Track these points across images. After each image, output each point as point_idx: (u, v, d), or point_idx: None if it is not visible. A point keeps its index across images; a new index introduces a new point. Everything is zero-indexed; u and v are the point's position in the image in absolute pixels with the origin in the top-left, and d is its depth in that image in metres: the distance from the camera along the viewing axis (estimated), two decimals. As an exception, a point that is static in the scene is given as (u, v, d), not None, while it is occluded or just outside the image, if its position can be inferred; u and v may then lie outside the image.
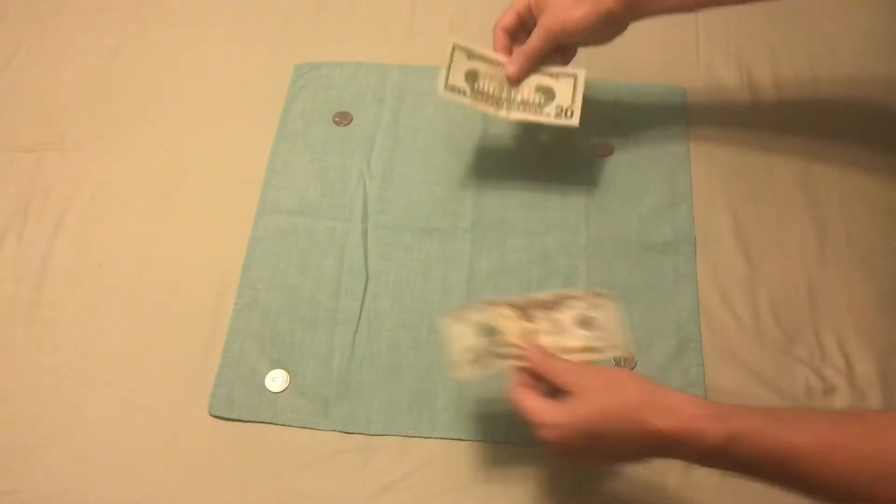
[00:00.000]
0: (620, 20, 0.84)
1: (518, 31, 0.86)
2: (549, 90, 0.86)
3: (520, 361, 0.68)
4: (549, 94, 0.86)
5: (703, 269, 0.88)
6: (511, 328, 0.69)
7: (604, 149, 0.96)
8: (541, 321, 0.70)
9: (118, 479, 0.76)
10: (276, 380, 0.82)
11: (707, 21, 1.07)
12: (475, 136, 0.97)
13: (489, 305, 0.71)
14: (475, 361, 0.68)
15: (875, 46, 1.03)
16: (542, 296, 0.71)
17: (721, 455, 0.60)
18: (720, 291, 0.86)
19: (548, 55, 0.86)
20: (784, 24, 1.05)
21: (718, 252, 0.89)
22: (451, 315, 0.71)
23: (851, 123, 0.97)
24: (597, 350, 0.69)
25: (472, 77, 0.85)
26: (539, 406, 0.65)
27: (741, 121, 0.97)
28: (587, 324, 0.70)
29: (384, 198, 0.93)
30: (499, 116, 0.87)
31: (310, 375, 0.82)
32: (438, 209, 0.92)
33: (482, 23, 1.08)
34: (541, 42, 0.84)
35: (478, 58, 0.86)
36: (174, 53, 1.05)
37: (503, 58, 0.86)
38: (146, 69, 1.04)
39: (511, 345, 0.68)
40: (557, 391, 0.66)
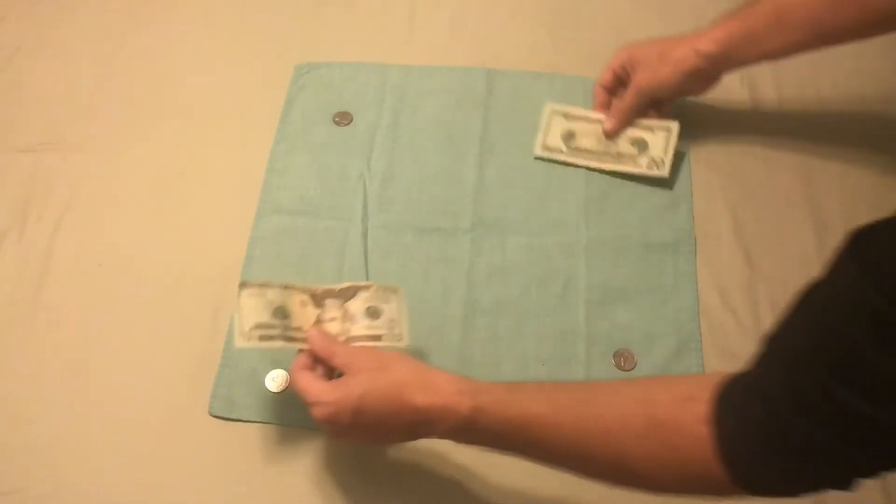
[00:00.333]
0: (709, 75, 0.89)
1: (616, 87, 0.94)
2: (643, 142, 0.92)
3: (303, 345, 0.72)
4: (643, 146, 0.92)
5: (703, 269, 0.88)
6: (302, 314, 0.74)
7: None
8: (332, 309, 0.74)
9: (118, 479, 0.76)
10: (276, 380, 0.82)
11: (707, 22, 1.07)
12: (475, 136, 0.97)
13: (286, 288, 0.75)
14: (261, 338, 0.72)
15: (876, 46, 1.03)
16: (336, 286, 0.76)
17: (471, 427, 0.64)
18: (720, 291, 0.87)
19: (642, 109, 0.93)
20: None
21: (718, 252, 0.89)
22: (248, 288, 0.74)
23: (851, 123, 0.97)
24: (379, 338, 0.74)
25: (569, 136, 0.94)
26: (313, 386, 0.68)
27: (741, 121, 0.97)
28: (374, 314, 0.75)
29: (384, 198, 0.93)
30: (591, 167, 0.93)
31: (310, 375, 0.82)
32: (438, 209, 0.92)
33: (482, 23, 1.08)
34: (634, 99, 0.91)
35: (575, 118, 0.95)
36: (174, 54, 1.05)
37: (600, 115, 0.94)
38: (146, 69, 1.04)
39: (299, 329, 0.73)
40: (337, 374, 0.70)
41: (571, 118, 0.96)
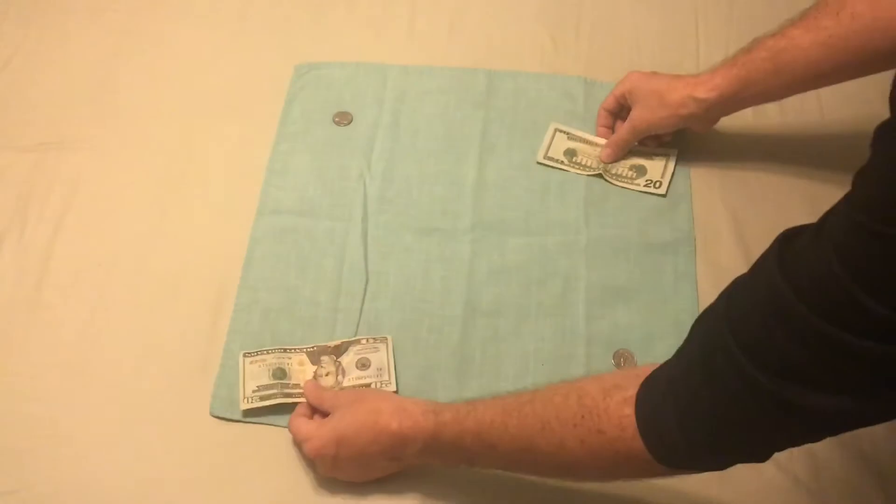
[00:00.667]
0: (706, 119, 0.91)
1: (619, 111, 0.97)
2: (642, 167, 0.95)
3: (302, 399, 0.79)
4: (641, 171, 0.95)
5: (703, 269, 0.88)
6: (300, 372, 0.81)
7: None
8: (327, 365, 0.81)
9: (118, 479, 0.76)
10: (276, 380, 0.82)
11: (707, 22, 1.07)
12: (475, 137, 0.98)
13: (285, 352, 0.82)
14: (262, 398, 0.79)
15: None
16: (330, 343, 0.83)
17: (437, 442, 0.69)
18: (720, 291, 0.86)
19: (637, 141, 0.95)
20: (784, 25, 1.05)
21: (718, 252, 0.89)
22: (249, 356, 0.81)
23: (851, 123, 0.97)
24: (368, 387, 0.80)
25: (571, 153, 0.96)
26: (302, 426, 0.75)
27: (741, 121, 0.97)
28: (364, 365, 0.81)
29: (384, 198, 0.93)
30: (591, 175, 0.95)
31: (310, 375, 0.82)
32: (438, 209, 0.92)
33: (482, 23, 1.08)
34: (630, 136, 0.94)
35: (577, 139, 0.97)
36: (174, 53, 1.05)
37: (601, 140, 0.97)
38: (146, 69, 1.04)
39: (297, 386, 0.80)
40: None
41: (574, 138, 0.97)
